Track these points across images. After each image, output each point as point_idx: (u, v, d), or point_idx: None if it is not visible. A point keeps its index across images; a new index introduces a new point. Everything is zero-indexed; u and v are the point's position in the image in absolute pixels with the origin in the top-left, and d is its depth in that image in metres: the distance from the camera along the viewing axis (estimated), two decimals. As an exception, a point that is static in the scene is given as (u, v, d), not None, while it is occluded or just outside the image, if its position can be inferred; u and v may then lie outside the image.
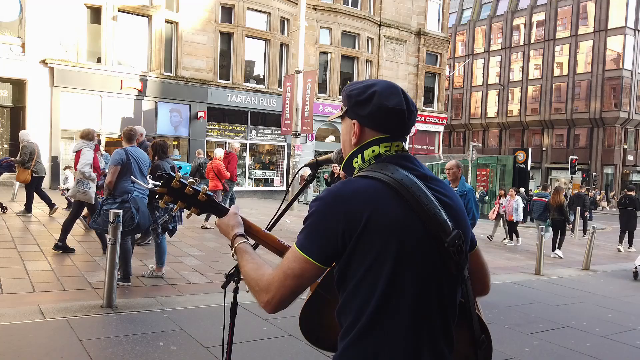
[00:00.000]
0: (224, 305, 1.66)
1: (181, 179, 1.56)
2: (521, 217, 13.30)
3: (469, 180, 20.57)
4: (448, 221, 1.24)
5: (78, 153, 7.18)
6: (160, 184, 1.56)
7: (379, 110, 1.30)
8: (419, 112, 25.70)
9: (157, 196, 1.56)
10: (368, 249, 1.20)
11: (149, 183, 6.21)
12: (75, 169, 7.27)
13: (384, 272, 1.19)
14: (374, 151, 1.32)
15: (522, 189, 22.84)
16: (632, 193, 13.18)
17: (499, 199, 14.27)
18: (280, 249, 1.54)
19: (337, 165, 1.72)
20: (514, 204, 12.88)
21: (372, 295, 1.20)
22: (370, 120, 1.32)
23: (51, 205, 9.80)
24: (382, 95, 1.30)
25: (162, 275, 6.09)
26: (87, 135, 7.13)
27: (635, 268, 9.13)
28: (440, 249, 1.23)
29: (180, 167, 6.27)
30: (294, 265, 1.24)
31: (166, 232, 6.18)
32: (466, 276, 1.29)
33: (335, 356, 1.29)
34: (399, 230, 1.20)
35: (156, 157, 6.22)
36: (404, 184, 1.23)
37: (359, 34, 23.93)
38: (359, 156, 1.34)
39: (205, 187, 1.61)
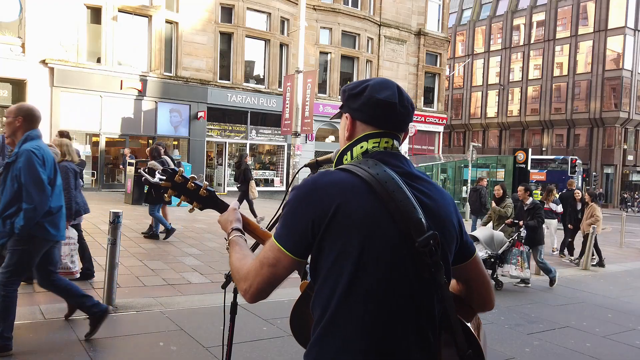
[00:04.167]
0: (224, 305, 1.66)
1: (183, 174, 1.61)
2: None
3: (469, 181, 20.48)
4: (423, 221, 1.19)
5: None
6: (165, 178, 1.62)
7: (369, 102, 1.29)
8: (419, 113, 25.68)
9: (162, 190, 1.63)
10: (334, 242, 1.18)
11: (155, 177, 6.41)
12: None
13: (347, 268, 1.17)
14: (362, 147, 1.31)
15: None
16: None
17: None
18: None
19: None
20: None
21: (335, 292, 1.18)
22: (360, 112, 1.32)
23: None
24: (374, 88, 1.30)
25: None
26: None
27: (495, 275, 7.38)
28: (413, 249, 1.18)
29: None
30: (269, 255, 1.24)
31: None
32: (441, 282, 1.21)
33: (305, 352, 1.27)
34: (366, 225, 1.17)
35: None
36: (379, 179, 1.20)
37: (359, 34, 23.93)
38: (349, 153, 1.33)
39: (207, 183, 1.65)
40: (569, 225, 11.16)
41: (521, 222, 7.68)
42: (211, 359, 3.77)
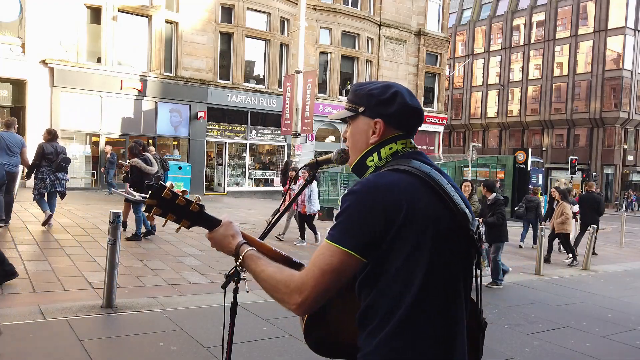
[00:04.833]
0: (224, 305, 1.65)
1: (172, 190, 1.47)
2: (316, 207, 9.51)
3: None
4: (468, 211, 1.32)
5: None
6: (148, 195, 1.46)
7: (404, 109, 1.37)
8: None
9: (144, 209, 1.49)
10: (406, 240, 1.22)
11: (136, 195, 6.42)
12: None
13: (422, 261, 1.23)
14: (391, 148, 1.38)
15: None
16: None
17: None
18: (276, 259, 1.48)
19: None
20: (308, 191, 9.15)
21: (410, 286, 1.22)
22: (394, 118, 1.37)
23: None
24: (404, 95, 1.38)
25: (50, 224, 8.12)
26: None
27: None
28: (466, 237, 1.30)
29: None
30: (331, 260, 1.21)
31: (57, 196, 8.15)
32: (477, 263, 1.38)
33: (362, 354, 1.26)
34: (433, 219, 1.24)
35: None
36: (431, 177, 1.29)
37: (359, 34, 23.93)
38: (375, 154, 1.38)
39: (199, 197, 1.52)
40: (544, 223, 11.42)
41: (481, 220, 7.49)
42: (211, 359, 3.77)
